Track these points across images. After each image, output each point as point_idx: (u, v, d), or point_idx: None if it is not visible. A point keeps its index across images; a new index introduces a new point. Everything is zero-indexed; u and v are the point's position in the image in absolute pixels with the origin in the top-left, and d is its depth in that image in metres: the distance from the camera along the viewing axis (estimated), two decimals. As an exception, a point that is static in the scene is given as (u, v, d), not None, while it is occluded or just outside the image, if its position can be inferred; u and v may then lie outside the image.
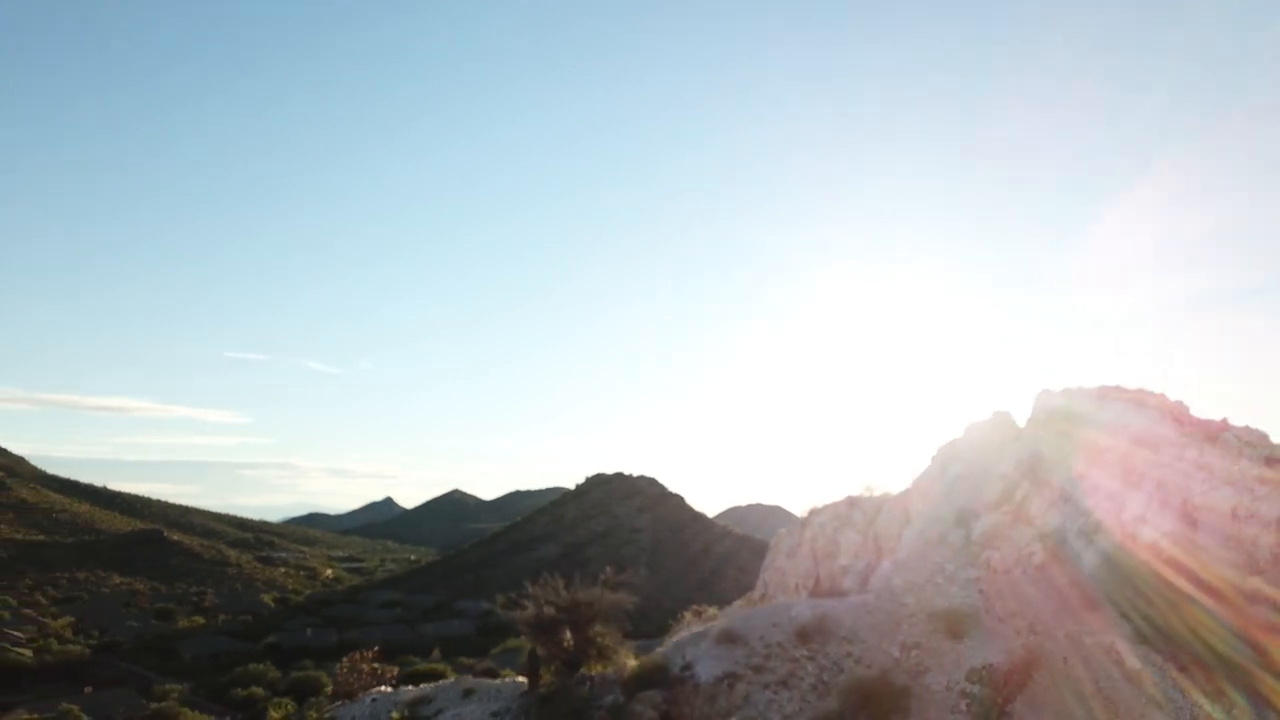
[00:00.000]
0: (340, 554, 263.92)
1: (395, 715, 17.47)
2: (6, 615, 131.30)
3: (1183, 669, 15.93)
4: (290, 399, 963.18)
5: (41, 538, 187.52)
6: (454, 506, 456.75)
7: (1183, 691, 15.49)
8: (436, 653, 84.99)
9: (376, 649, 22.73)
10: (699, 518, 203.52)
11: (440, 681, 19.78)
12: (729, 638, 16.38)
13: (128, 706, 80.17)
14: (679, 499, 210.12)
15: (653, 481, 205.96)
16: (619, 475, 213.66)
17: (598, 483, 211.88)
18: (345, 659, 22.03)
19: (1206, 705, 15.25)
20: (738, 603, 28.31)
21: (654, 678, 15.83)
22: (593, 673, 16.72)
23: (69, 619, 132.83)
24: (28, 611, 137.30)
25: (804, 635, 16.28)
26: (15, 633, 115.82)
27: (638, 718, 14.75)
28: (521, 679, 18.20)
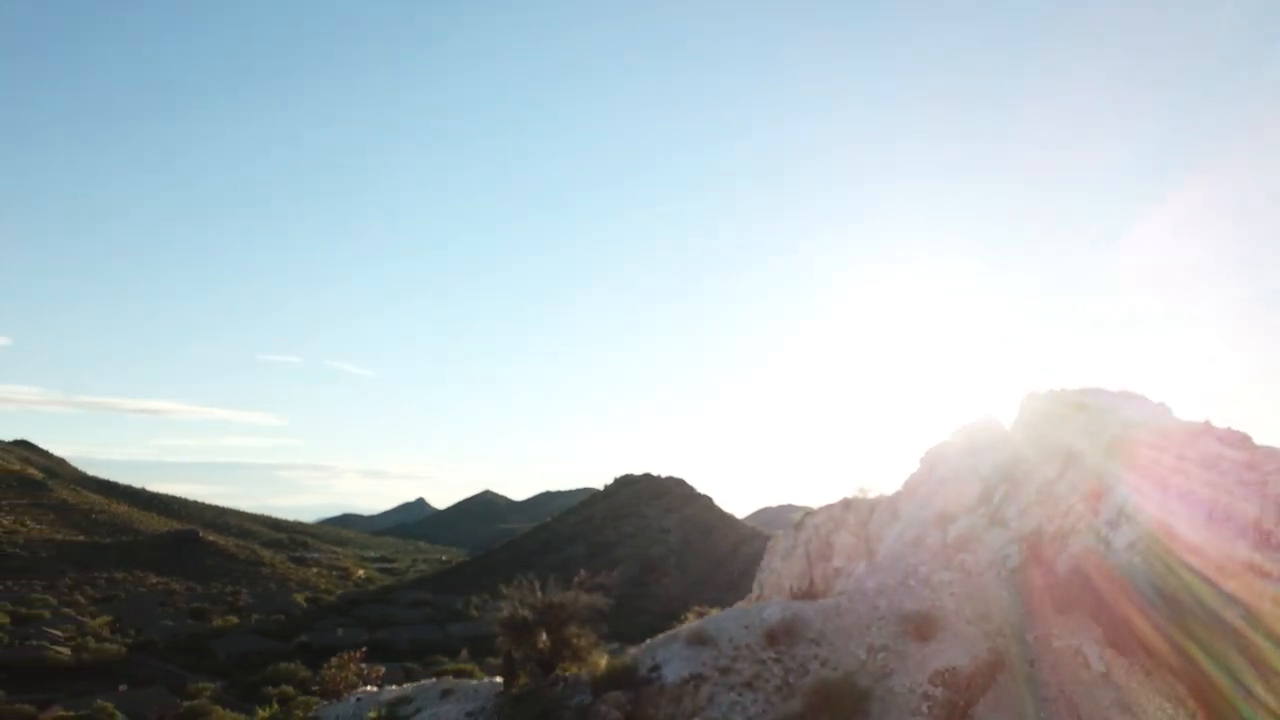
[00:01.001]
0: (372, 554, 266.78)
1: (372, 714, 17.93)
2: (47, 614, 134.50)
3: (1149, 673, 15.94)
4: (324, 401, 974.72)
5: (81, 538, 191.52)
6: (485, 507, 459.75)
7: (1148, 695, 15.51)
8: (465, 653, 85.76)
9: (364, 649, 23.26)
10: (727, 518, 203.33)
11: (421, 682, 20.26)
12: (699, 639, 16.64)
13: (161, 704, 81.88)
14: (707, 500, 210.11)
15: (680, 482, 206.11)
16: (647, 476, 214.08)
17: (626, 483, 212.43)
18: (333, 659, 22.61)
19: (1170, 709, 15.27)
20: (739, 604, 28.55)
21: (621, 678, 16.13)
22: (567, 674, 17.07)
23: (107, 618, 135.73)
24: (67, 610, 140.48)
25: (772, 637, 16.50)
26: (55, 631, 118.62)
27: (602, 718, 15.07)
28: (500, 680, 18.59)
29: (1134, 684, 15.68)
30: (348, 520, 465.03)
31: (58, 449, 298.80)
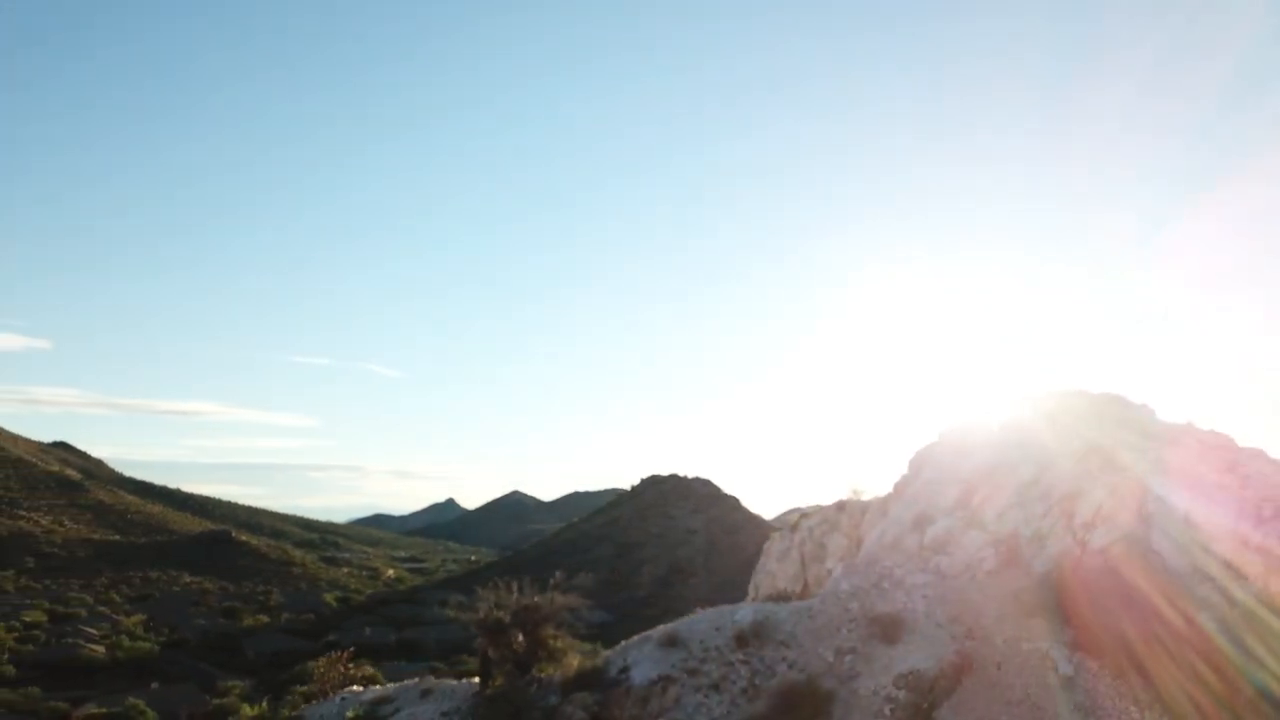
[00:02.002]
0: (402, 554, 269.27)
1: (350, 714, 18.32)
2: (83, 613, 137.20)
3: (1119, 676, 15.92)
4: (355, 402, 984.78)
5: (117, 538, 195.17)
6: (514, 507, 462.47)
7: (1114, 699, 15.49)
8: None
9: (352, 649, 23.67)
10: (754, 519, 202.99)
11: (404, 682, 20.65)
12: (670, 640, 16.84)
13: (191, 702, 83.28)
14: (734, 500, 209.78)
15: (706, 483, 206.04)
16: (674, 476, 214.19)
17: (652, 484, 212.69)
18: (322, 659, 23.05)
19: (1135, 713, 15.24)
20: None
21: (590, 679, 16.37)
22: (543, 674, 17.35)
23: (141, 616, 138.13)
24: (103, 609, 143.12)
25: (742, 639, 16.67)
26: (90, 630, 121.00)
27: (568, 718, 15.34)
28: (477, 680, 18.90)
29: (1101, 687, 15.66)
30: (379, 520, 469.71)
31: (95, 450, 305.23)
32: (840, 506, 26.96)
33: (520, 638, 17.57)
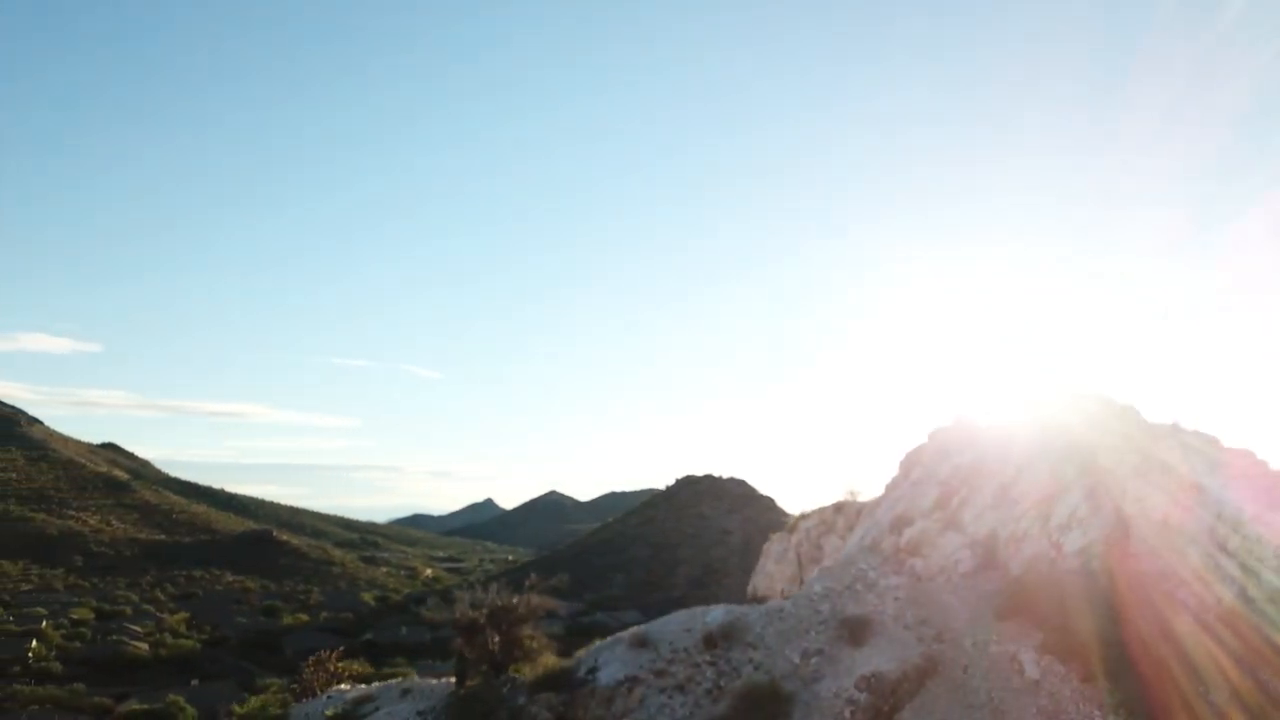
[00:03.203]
0: (441, 554, 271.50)
1: (329, 713, 18.71)
2: (129, 611, 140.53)
3: (1088, 680, 15.77)
4: (395, 403, 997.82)
5: (162, 537, 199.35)
6: (551, 507, 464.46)
7: (1079, 703, 15.36)
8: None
9: (341, 649, 24.10)
10: (789, 520, 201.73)
11: (388, 682, 21.04)
12: (641, 641, 16.96)
13: (229, 698, 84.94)
14: (769, 500, 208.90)
15: (741, 483, 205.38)
16: (708, 477, 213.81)
17: (687, 484, 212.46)
18: (311, 658, 23.53)
19: (1099, 717, 15.10)
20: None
21: (558, 680, 16.57)
22: (517, 674, 17.60)
23: (184, 615, 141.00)
24: (148, 607, 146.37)
25: (710, 640, 16.74)
26: (135, 627, 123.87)
27: (532, 718, 15.57)
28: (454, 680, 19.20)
29: (1067, 691, 15.53)
30: (418, 520, 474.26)
31: (143, 451, 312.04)
32: (838, 508, 26.94)
33: (495, 638, 17.82)
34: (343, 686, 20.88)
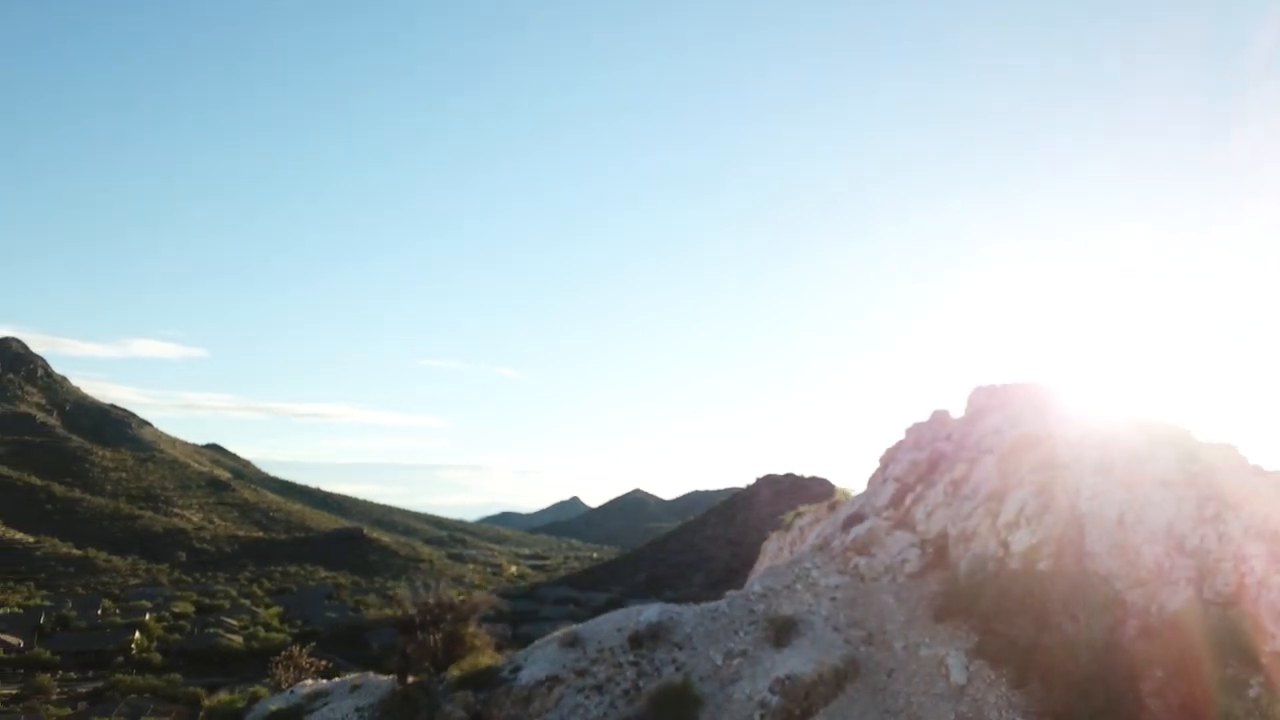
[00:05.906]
0: (526, 552, 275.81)
1: (273, 708, 19.21)
2: (227, 605, 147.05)
3: (1019, 685, 15.07)
4: (483, 404, 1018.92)
5: (260, 534, 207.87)
6: (635, 506, 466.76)
7: (1003, 710, 14.67)
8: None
9: (313, 644, 24.69)
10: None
11: (347, 676, 21.51)
12: (571, 641, 16.88)
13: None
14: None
15: (823, 481, 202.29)
16: (790, 476, 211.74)
17: (768, 483, 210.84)
18: (283, 653, 24.24)
19: (1021, 725, 14.43)
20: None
21: (480, 679, 16.65)
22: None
23: (278, 609, 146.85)
24: (244, 601, 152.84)
25: (636, 640, 16.54)
26: (231, 621, 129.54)
27: (447, 717, 15.73)
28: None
29: (991, 698, 14.86)
30: (506, 519, 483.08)
31: (245, 452, 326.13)
32: (832, 505, 26.40)
33: (436, 636, 18.04)
34: (307, 683, 21.51)
